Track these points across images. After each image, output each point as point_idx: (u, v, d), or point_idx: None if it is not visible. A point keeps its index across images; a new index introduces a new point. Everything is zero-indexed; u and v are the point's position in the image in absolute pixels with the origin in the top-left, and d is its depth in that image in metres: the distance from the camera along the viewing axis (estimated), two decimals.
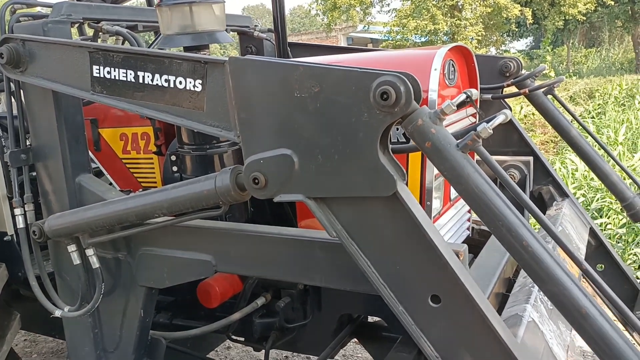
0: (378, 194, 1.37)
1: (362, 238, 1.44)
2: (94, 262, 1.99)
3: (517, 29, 28.62)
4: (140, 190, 2.46)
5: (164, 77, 1.66)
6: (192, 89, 1.63)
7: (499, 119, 1.30)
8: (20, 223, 2.07)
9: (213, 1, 1.96)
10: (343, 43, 30.46)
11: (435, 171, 1.95)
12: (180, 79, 1.64)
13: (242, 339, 2.54)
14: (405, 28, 23.54)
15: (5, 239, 2.63)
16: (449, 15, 24.58)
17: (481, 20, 25.55)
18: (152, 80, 1.69)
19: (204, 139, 2.09)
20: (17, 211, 2.07)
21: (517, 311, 1.61)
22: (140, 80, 1.71)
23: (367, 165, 1.36)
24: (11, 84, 2.09)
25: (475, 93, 1.41)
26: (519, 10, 22.88)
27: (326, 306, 2.36)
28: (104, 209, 1.85)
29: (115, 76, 1.75)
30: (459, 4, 24.03)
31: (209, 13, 1.97)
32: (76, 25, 2.46)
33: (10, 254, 2.65)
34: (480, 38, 24.21)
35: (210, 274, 1.88)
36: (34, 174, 2.16)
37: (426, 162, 1.92)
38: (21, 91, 2.09)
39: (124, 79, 1.73)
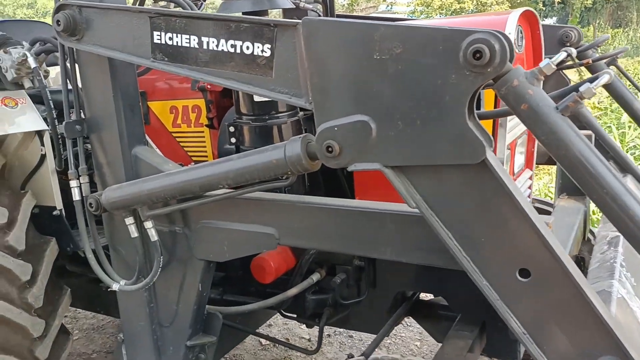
0: (465, 161, 1.29)
1: (444, 209, 1.37)
2: (153, 235, 1.96)
3: (543, 8, 27.93)
4: (193, 164, 2.43)
5: (230, 42, 1.60)
6: (260, 54, 1.56)
7: (603, 79, 1.21)
8: (76, 195, 2.05)
9: None
10: None
11: (507, 142, 1.87)
12: (247, 43, 1.57)
13: (294, 315, 2.51)
14: (429, 7, 23.18)
15: (54, 213, 2.63)
16: None
17: None
18: (217, 45, 1.62)
19: (263, 109, 2.03)
20: (73, 183, 2.04)
21: (604, 287, 1.53)
22: (205, 46, 1.64)
23: (453, 131, 1.29)
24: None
25: (574, 51, 1.32)
26: None
27: (382, 283, 2.31)
28: (165, 180, 1.80)
29: (177, 42, 1.69)
30: None
31: None
32: None
33: (59, 228, 2.65)
34: None
35: (273, 247, 1.83)
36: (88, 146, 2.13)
37: (497, 132, 1.84)
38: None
39: (187, 44, 1.67)
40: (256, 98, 1.99)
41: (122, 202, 1.93)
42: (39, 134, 2.56)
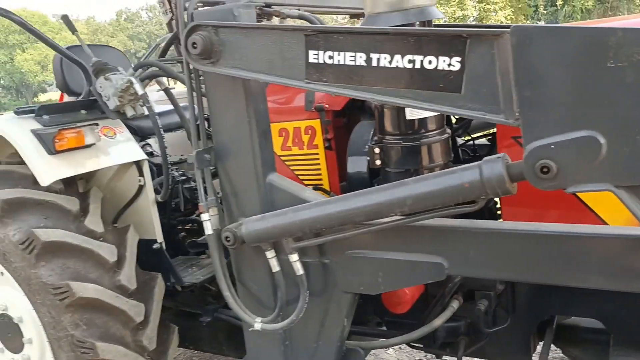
0: None
1: None
2: (298, 269, 1.81)
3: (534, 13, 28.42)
4: (311, 187, 2.28)
5: (407, 57, 1.46)
6: (445, 68, 1.42)
7: None
8: (209, 229, 1.89)
9: None
10: None
11: None
12: (429, 58, 1.43)
13: (420, 345, 2.34)
14: None
15: (154, 247, 2.48)
16: (477, 0, 24.19)
17: (509, 4, 25.09)
18: (389, 62, 1.49)
19: (412, 128, 1.88)
20: (205, 216, 1.89)
21: None
22: (374, 63, 1.51)
23: None
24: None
25: None
26: None
27: (523, 307, 2.14)
28: (324, 209, 1.66)
29: (339, 61, 1.55)
30: None
31: None
32: None
33: (161, 262, 2.50)
34: (510, 22, 23.82)
35: (441, 278, 1.68)
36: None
37: None
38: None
39: (352, 62, 1.54)
40: (408, 116, 1.85)
41: (267, 234, 1.78)
42: (137, 164, 2.43)
